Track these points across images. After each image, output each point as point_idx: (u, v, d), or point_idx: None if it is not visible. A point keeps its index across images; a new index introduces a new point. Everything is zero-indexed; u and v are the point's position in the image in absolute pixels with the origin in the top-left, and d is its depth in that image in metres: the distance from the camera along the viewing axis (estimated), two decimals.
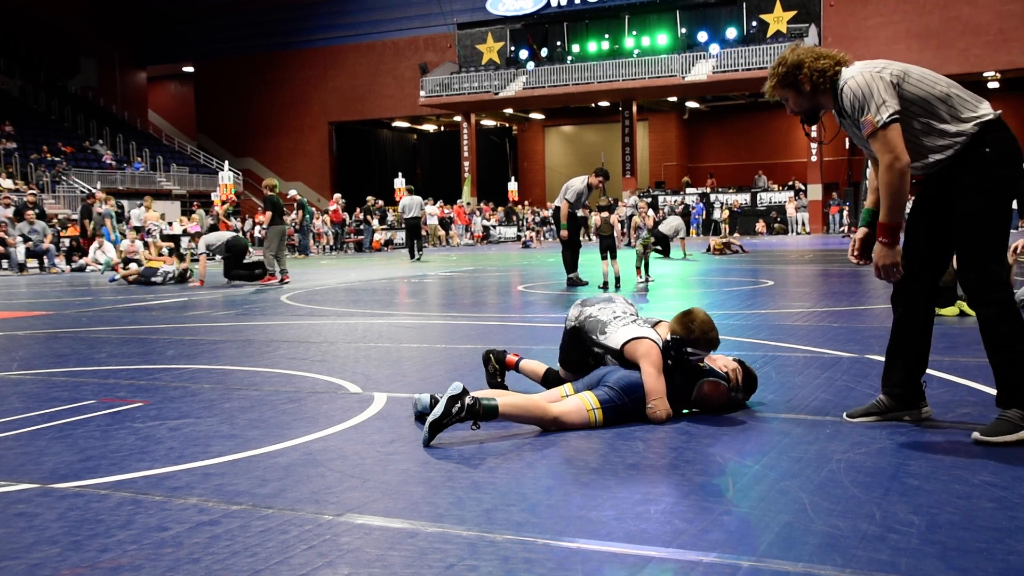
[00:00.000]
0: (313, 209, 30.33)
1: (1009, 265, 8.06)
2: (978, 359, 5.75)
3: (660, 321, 4.62)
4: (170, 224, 29.28)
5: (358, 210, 32.99)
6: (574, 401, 4.17)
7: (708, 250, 21.16)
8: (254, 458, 3.79)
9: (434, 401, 4.17)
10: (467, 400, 3.83)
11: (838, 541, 2.67)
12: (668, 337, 4.30)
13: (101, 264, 21.08)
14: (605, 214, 12.25)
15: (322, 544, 2.76)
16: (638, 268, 12.34)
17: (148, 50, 48.05)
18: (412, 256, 22.63)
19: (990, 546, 2.60)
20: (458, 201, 36.00)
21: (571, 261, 12.46)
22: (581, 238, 13.17)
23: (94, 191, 26.40)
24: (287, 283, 14.35)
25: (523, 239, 32.59)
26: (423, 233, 24.62)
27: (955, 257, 3.85)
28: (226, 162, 33.96)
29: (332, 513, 3.04)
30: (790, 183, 38.02)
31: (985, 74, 35.34)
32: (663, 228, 19.85)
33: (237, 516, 3.03)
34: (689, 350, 4.25)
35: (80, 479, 3.53)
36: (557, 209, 12.63)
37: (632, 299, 10.75)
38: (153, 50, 48.06)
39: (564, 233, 12.35)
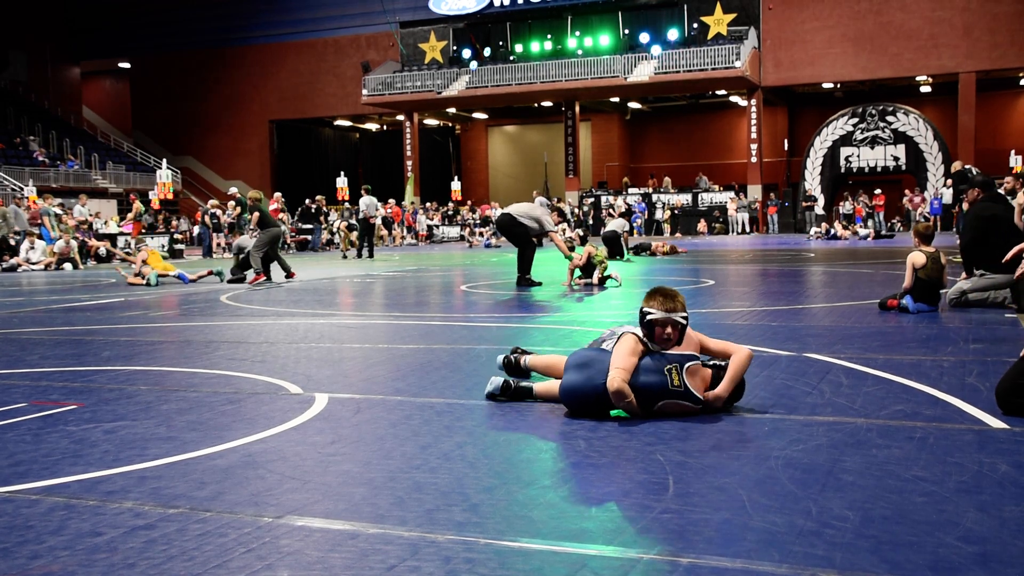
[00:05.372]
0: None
1: (943, 265, 8.29)
2: (911, 357, 5.89)
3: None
4: (105, 223, 28.75)
5: (300, 210, 32.79)
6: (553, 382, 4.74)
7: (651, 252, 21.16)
8: (192, 460, 3.73)
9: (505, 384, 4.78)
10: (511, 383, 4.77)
11: (775, 537, 2.71)
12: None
13: (33, 263, 20.57)
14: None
15: (261, 547, 2.72)
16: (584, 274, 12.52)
17: (82, 45, 46.96)
18: (360, 255, 22.80)
19: (921, 539, 2.66)
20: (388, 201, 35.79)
21: (528, 263, 12.49)
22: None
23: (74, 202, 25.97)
24: (292, 279, 14.65)
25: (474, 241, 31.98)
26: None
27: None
28: (164, 160, 33.35)
29: (272, 515, 3.01)
30: (737, 190, 38.51)
31: (917, 78, 36.25)
32: (611, 228, 19.88)
33: (174, 520, 2.99)
34: (646, 312, 4.45)
35: (9, 484, 3.44)
36: (515, 220, 12.45)
37: (567, 298, 10.91)
38: (87, 45, 46.98)
39: (579, 259, 12.42)
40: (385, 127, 48.95)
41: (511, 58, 38.87)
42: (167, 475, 3.53)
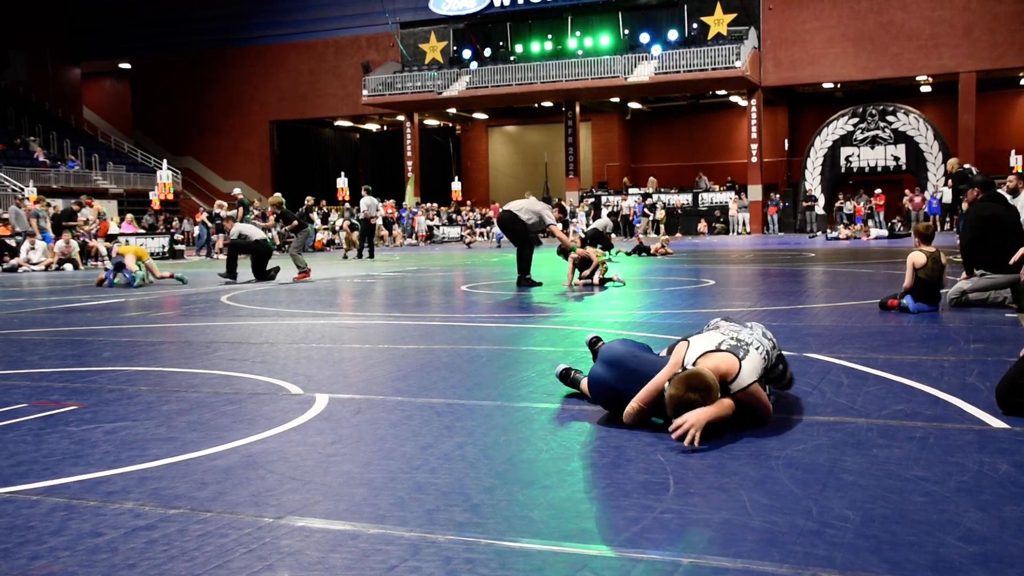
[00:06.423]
0: (254, 210, 30.04)
1: (943, 265, 8.29)
2: (911, 357, 5.88)
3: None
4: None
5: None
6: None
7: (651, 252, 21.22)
8: (192, 461, 3.73)
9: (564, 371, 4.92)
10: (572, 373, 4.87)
11: (776, 537, 2.71)
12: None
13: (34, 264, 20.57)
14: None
15: (262, 547, 2.72)
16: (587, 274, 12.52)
17: (82, 45, 46.93)
18: (360, 255, 22.89)
19: (921, 539, 2.67)
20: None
21: (528, 263, 12.48)
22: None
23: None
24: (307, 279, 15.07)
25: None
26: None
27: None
28: (164, 161, 33.34)
29: (272, 516, 3.01)
30: (730, 182, 38.57)
31: (917, 78, 36.22)
32: (595, 226, 20.04)
33: (175, 520, 2.99)
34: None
35: (10, 485, 3.44)
36: (515, 218, 12.45)
37: (565, 297, 10.92)
38: (87, 45, 46.96)
39: (583, 251, 12.62)
40: (385, 127, 48.92)
41: (511, 58, 38.85)
42: (168, 476, 3.53)
